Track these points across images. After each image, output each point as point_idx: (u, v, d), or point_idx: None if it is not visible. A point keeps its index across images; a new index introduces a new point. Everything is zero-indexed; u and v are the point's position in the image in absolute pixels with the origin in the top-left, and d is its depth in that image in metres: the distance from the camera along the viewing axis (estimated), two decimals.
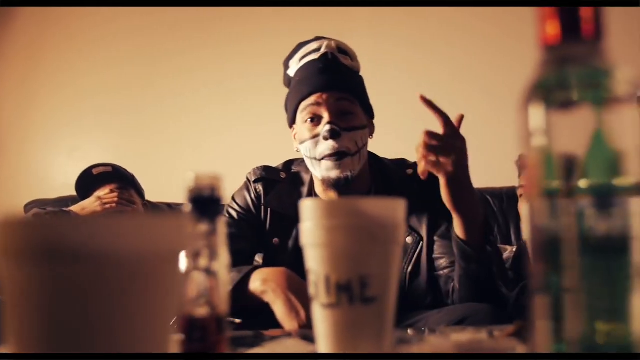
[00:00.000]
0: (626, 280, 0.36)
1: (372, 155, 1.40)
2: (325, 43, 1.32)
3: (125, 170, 1.99)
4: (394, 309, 0.59)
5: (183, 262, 0.52)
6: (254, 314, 1.16)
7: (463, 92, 2.61)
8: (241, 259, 1.30)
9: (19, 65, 2.89)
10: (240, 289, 1.16)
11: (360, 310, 0.56)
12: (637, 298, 0.36)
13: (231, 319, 1.17)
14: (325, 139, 1.25)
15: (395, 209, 0.58)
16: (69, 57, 2.88)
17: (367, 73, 1.40)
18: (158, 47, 2.83)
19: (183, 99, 2.81)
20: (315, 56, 1.30)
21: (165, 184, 2.18)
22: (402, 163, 1.41)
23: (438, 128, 1.11)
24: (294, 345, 0.66)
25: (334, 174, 1.26)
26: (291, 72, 1.36)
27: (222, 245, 0.53)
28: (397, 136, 1.96)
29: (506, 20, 2.61)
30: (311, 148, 1.28)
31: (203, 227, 0.53)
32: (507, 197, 2.19)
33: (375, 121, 1.39)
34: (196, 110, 2.81)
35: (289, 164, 1.45)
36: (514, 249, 1.76)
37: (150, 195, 2.10)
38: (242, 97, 2.77)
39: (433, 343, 0.63)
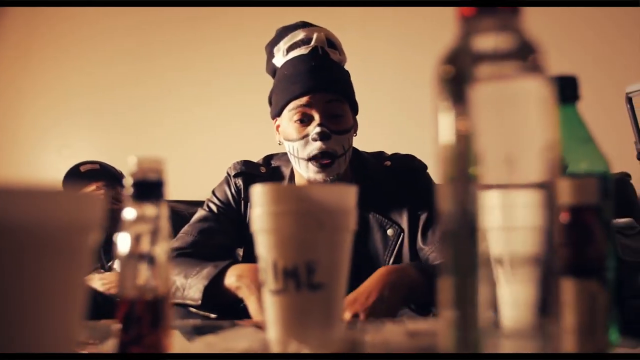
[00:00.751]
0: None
1: (352, 150, 1.40)
2: (315, 35, 1.29)
3: (113, 168, 1.99)
4: (343, 297, 0.58)
5: (125, 245, 0.52)
6: (228, 309, 1.16)
7: None
8: (221, 253, 1.30)
9: (8, 64, 2.90)
10: (215, 283, 1.16)
11: (307, 296, 0.56)
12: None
13: (206, 314, 1.18)
14: (315, 140, 1.24)
15: (343, 195, 0.58)
16: (58, 56, 2.89)
17: (355, 69, 1.39)
18: (147, 46, 2.84)
19: (172, 97, 2.82)
20: (304, 50, 1.28)
21: None
22: (379, 155, 1.41)
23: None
24: (250, 333, 0.66)
25: (320, 177, 1.26)
26: (277, 62, 1.33)
27: (164, 230, 0.52)
28: (382, 131, 1.95)
29: None
30: (299, 148, 1.27)
31: (146, 210, 0.52)
32: None
33: (360, 117, 1.39)
34: (184, 108, 2.82)
35: (268, 158, 1.44)
36: None
37: None
38: (230, 95, 2.77)
39: (386, 330, 0.63)
